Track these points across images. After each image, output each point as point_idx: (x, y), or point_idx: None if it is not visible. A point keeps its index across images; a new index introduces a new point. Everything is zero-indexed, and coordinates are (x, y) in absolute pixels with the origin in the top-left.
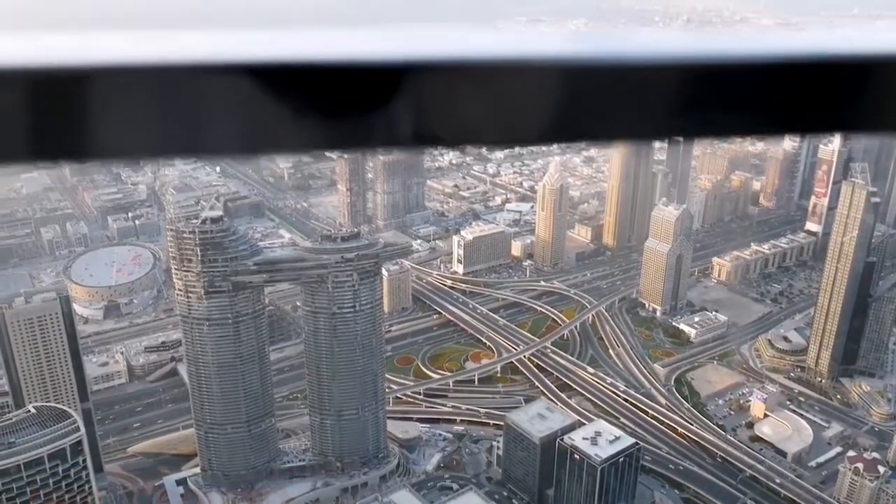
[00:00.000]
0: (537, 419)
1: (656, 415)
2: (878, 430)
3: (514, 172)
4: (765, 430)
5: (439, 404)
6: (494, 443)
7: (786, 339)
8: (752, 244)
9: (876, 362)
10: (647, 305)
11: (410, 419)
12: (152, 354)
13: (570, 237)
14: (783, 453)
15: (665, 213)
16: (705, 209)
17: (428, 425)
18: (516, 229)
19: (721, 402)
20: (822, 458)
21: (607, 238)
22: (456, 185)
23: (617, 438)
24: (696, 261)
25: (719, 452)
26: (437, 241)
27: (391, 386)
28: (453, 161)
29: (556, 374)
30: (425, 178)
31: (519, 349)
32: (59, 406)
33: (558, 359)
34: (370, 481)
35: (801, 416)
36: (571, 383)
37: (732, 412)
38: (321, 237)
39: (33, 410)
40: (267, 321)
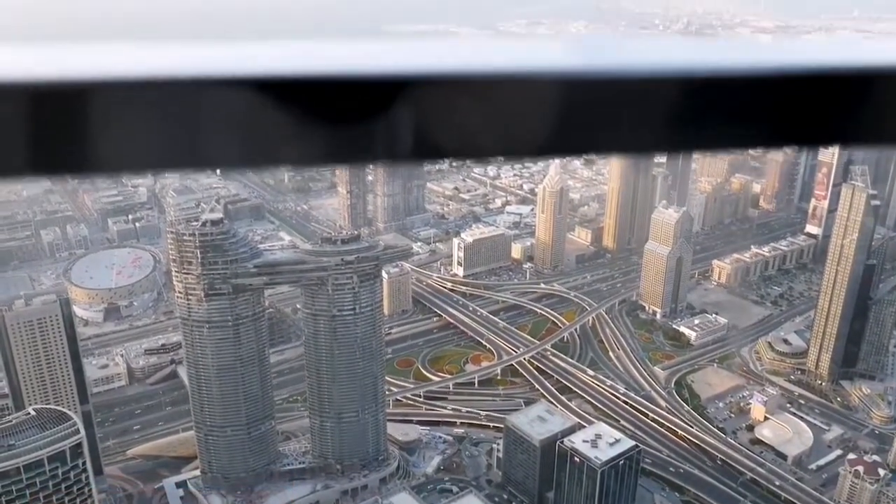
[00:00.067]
0: (537, 422)
1: (656, 417)
2: (879, 433)
3: (515, 175)
4: (765, 432)
5: (439, 407)
6: (494, 445)
7: (786, 341)
8: (752, 247)
9: (876, 365)
10: (647, 308)
11: (410, 422)
12: (152, 357)
13: (570, 240)
14: (783, 456)
15: (665, 216)
16: (705, 212)
17: (428, 428)
18: (516, 232)
19: (721, 404)
20: (822, 461)
21: (607, 241)
22: (456, 188)
23: (617, 441)
24: (696, 263)
25: (719, 455)
26: (437, 244)
27: (391, 388)
28: (453, 164)
29: (556, 376)
30: (425, 180)
31: (519, 352)
32: (58, 408)
33: (558, 361)
34: (370, 484)
35: (802, 418)
36: (571, 386)
37: (733, 415)
38: (321, 240)
39: (33, 413)
40: (267, 324)
